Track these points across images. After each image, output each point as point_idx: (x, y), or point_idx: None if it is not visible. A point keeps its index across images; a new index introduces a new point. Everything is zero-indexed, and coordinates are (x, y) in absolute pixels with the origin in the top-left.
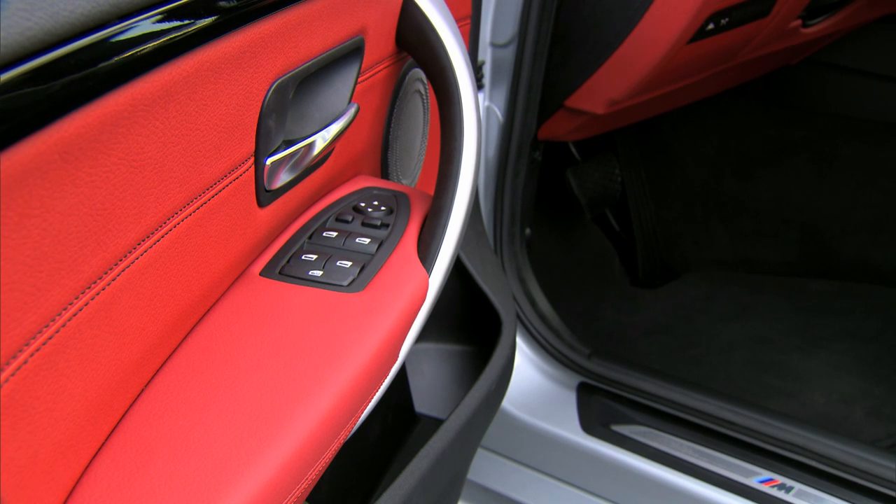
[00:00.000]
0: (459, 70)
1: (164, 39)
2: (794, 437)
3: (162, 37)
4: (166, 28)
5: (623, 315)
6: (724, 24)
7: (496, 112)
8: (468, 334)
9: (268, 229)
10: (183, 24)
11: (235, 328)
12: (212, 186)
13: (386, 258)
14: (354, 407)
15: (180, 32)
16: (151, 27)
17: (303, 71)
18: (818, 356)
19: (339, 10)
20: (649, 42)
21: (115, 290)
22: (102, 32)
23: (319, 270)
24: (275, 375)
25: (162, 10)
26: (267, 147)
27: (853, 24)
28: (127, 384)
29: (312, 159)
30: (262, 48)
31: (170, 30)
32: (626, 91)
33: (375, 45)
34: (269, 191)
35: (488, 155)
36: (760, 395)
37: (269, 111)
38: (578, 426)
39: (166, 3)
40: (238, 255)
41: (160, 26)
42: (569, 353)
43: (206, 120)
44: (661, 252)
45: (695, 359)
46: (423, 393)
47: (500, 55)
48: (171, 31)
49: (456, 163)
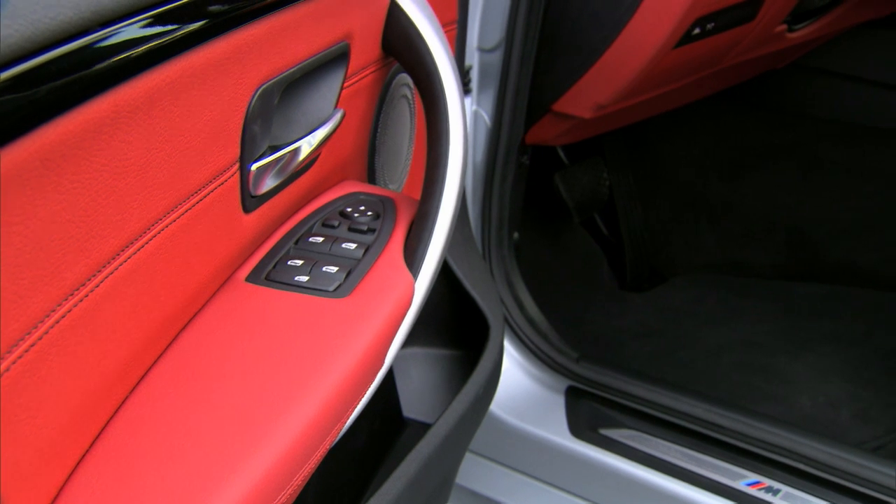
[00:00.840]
0: (445, 75)
1: (147, 46)
2: (781, 439)
3: (145, 43)
4: (149, 34)
5: (611, 319)
6: (710, 28)
7: (484, 117)
8: (456, 338)
9: (253, 235)
10: (166, 30)
11: (220, 334)
12: (196, 192)
13: (372, 263)
14: (340, 412)
15: (164, 39)
16: (134, 34)
17: (288, 76)
18: (805, 359)
19: (324, 15)
20: (636, 47)
21: (99, 297)
22: (84, 39)
23: (305, 276)
24: (259, 381)
25: (145, 16)
26: (252, 153)
27: (837, 29)
28: (111, 391)
29: (298, 165)
30: (246, 54)
31: (153, 36)
32: (613, 95)
33: (361, 50)
34: (255, 196)
35: (476, 159)
36: (748, 399)
37: (254, 117)
38: (567, 430)
39: (149, 10)
40: (223, 260)
41: (143, 32)
42: (557, 357)
43: (190, 126)
44: (649, 255)
45: (683, 362)
46: (411, 397)
47: (488, 60)
48: (155, 37)
49: (442, 167)
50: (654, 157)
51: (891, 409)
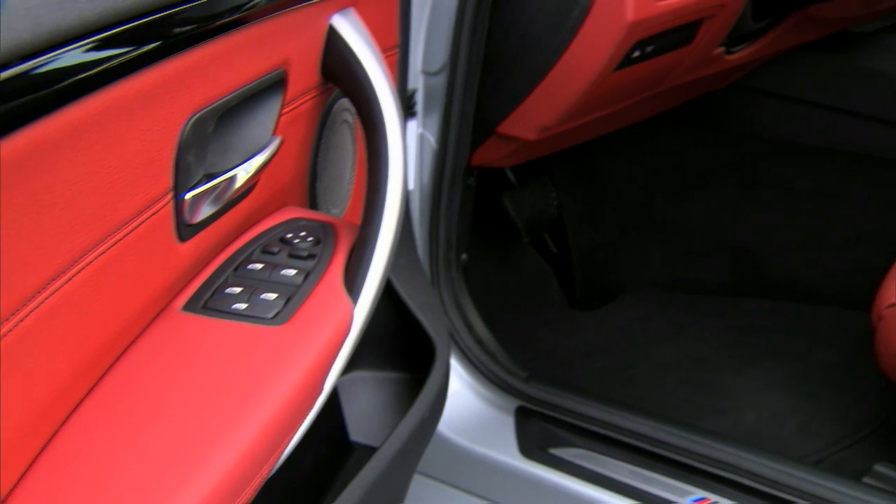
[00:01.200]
0: (385, 100)
1: (71, 79)
2: (726, 455)
3: (68, 76)
4: (73, 66)
5: (561, 337)
6: (650, 51)
7: (430, 139)
8: (404, 362)
9: (190, 263)
10: (91, 62)
11: (154, 366)
12: (126, 223)
13: (311, 289)
14: (277, 441)
15: (89, 71)
16: (57, 66)
17: (222, 104)
18: (750, 374)
19: (258, 43)
20: (577, 70)
21: (22, 332)
22: (5, 73)
23: (244, 303)
24: (193, 412)
25: (68, 48)
26: (186, 181)
27: (774, 51)
28: (36, 429)
29: (235, 192)
30: (177, 83)
31: (76, 68)
32: (556, 117)
33: (299, 76)
34: (190, 225)
35: (423, 181)
36: (695, 415)
37: (187, 146)
38: (517, 450)
39: (71, 43)
40: (158, 290)
41: (68, 63)
42: (506, 378)
43: (118, 157)
44: (598, 274)
45: (631, 380)
46: (358, 421)
47: (432, 83)
48: (78, 69)
49: (381, 192)
50: (602, 176)
51: (831, 422)
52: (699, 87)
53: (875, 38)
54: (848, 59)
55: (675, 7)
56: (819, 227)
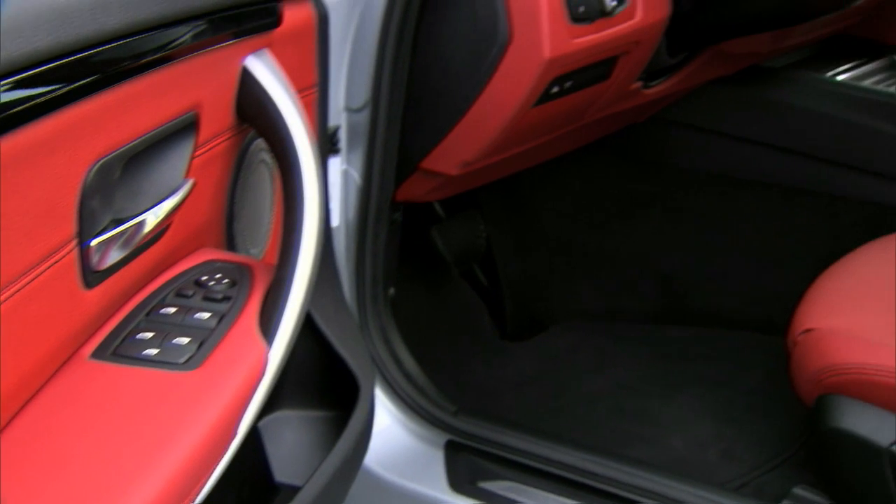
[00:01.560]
0: (299, 140)
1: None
2: (652, 484)
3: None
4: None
5: (492, 369)
6: (568, 87)
7: (354, 175)
8: (329, 400)
9: (98, 310)
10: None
11: (59, 415)
12: (27, 272)
13: (225, 332)
14: (188, 488)
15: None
16: None
17: (130, 149)
18: (676, 401)
19: (168, 87)
20: (496, 106)
21: None
22: None
23: (155, 349)
24: (99, 463)
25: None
26: (91, 228)
27: (690, 85)
28: None
29: (144, 236)
30: (78, 130)
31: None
32: (478, 153)
33: (212, 118)
34: (97, 272)
35: (348, 218)
36: (623, 443)
37: (91, 192)
38: (447, 484)
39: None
40: (63, 338)
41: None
42: (434, 412)
43: (15, 207)
44: (528, 305)
45: (561, 410)
46: (283, 461)
47: (355, 119)
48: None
49: (297, 233)
50: (529, 207)
51: (753, 446)
52: (620, 121)
53: (783, 72)
54: (758, 92)
55: (591, 44)
56: (737, 254)
